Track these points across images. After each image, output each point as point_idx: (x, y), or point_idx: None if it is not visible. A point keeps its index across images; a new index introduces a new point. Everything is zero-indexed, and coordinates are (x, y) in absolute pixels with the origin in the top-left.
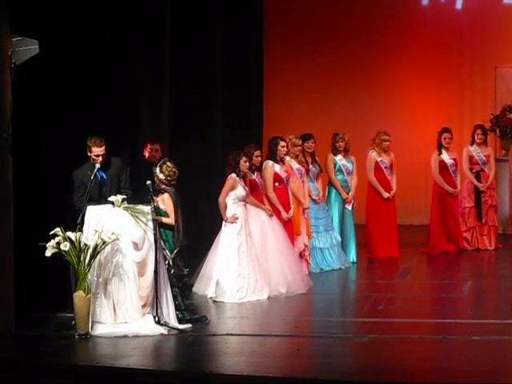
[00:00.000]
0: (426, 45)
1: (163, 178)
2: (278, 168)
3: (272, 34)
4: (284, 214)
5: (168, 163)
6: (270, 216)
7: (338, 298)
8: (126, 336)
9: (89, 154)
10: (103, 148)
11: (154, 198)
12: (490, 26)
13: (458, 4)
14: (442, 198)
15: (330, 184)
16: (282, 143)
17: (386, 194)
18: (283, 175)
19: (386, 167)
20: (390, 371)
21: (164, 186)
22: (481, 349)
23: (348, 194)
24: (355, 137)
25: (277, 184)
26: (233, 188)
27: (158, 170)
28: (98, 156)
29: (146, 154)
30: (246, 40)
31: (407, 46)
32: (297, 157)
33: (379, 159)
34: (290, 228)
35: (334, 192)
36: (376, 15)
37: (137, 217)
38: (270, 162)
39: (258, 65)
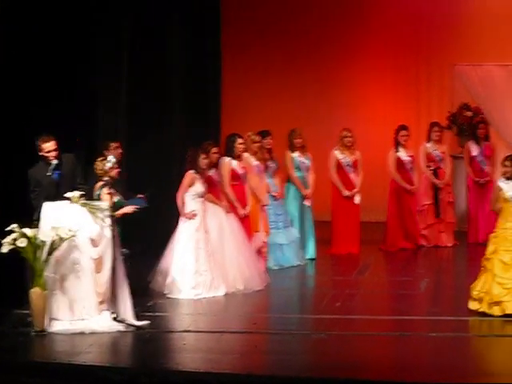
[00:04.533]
0: (383, 42)
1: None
2: (235, 164)
3: (230, 31)
4: (241, 211)
5: (97, 161)
6: (227, 213)
7: (295, 295)
8: (82, 333)
9: (40, 153)
10: (52, 143)
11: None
12: (447, 23)
13: None
14: (399, 195)
15: (289, 181)
16: (240, 140)
17: (345, 192)
18: (240, 172)
19: (347, 165)
20: (347, 368)
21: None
22: (438, 345)
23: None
24: (313, 134)
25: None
26: (191, 184)
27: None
28: (49, 152)
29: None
30: (203, 37)
31: (365, 43)
32: (255, 153)
33: (341, 157)
34: (248, 225)
35: (292, 188)
36: (334, 12)
37: (94, 213)
38: (227, 159)
39: (215, 62)
